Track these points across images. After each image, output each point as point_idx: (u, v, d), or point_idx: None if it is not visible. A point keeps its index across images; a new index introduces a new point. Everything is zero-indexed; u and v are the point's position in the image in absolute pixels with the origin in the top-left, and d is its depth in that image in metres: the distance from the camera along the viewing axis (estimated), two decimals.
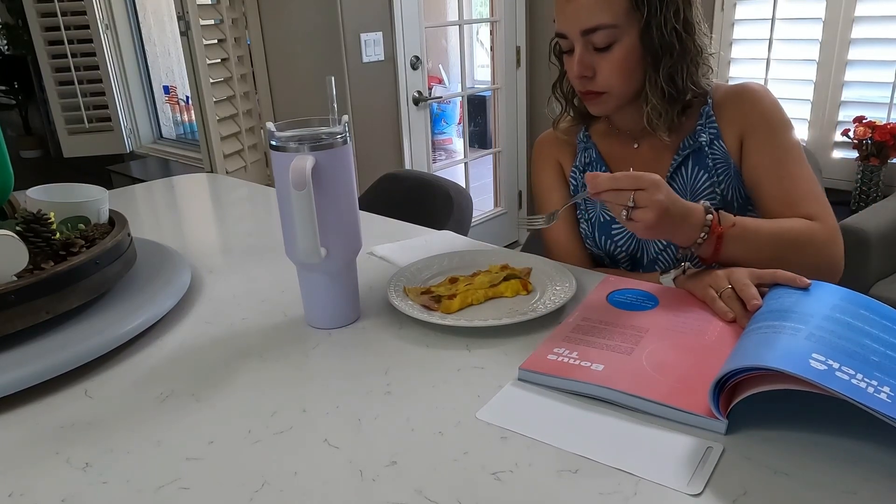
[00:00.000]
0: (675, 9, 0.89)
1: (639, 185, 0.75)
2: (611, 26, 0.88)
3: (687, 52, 0.91)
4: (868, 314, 0.63)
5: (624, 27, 0.89)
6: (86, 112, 3.69)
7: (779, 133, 0.93)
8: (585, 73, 0.92)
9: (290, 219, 0.73)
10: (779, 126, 0.93)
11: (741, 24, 2.55)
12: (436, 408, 0.62)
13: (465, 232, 1.52)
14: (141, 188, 1.64)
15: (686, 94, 0.93)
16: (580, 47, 0.91)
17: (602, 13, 0.88)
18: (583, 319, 0.75)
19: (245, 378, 0.70)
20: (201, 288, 0.93)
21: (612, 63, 0.91)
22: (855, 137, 2.29)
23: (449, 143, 5.43)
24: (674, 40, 0.90)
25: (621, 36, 0.89)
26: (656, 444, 0.55)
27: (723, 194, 0.96)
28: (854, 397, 0.49)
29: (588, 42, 0.91)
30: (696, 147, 0.96)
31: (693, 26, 0.91)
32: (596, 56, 0.92)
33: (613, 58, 0.91)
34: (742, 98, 0.95)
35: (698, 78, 0.94)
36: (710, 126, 0.96)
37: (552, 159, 1.11)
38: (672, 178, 0.98)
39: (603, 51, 0.91)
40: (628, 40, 0.90)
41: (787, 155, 0.92)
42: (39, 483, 0.55)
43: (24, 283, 0.70)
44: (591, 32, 0.89)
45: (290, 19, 2.66)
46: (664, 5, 0.88)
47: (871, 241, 1.95)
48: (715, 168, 0.96)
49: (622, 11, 0.88)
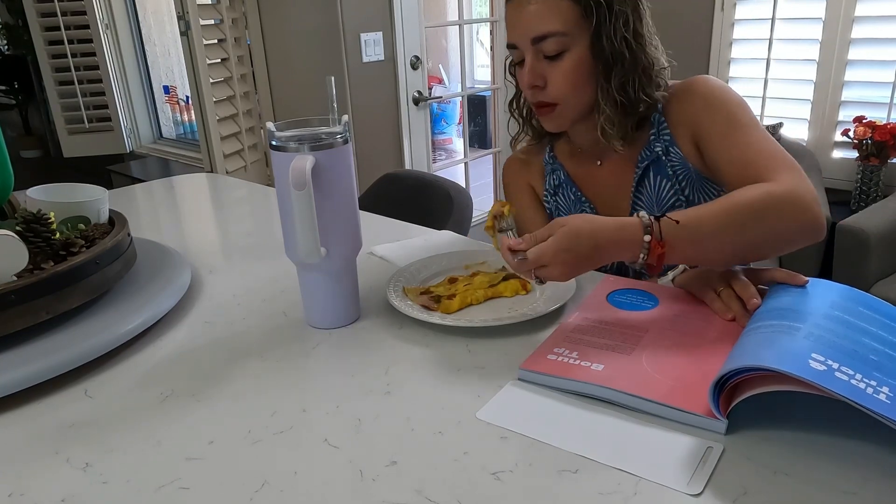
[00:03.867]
0: (624, 19, 0.88)
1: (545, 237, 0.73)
2: (560, 34, 0.88)
3: (638, 63, 0.90)
4: (867, 312, 0.63)
5: (574, 35, 0.88)
6: (86, 112, 3.69)
7: (719, 110, 0.90)
8: (536, 82, 0.91)
9: (290, 219, 0.73)
10: (719, 104, 0.90)
11: (741, 24, 2.55)
12: (436, 408, 0.62)
13: (465, 232, 1.52)
14: (141, 188, 1.64)
15: (639, 105, 0.92)
16: (531, 56, 0.90)
17: (551, 21, 0.87)
18: (583, 319, 0.75)
19: (245, 378, 0.70)
20: (201, 288, 0.93)
21: (562, 72, 0.90)
22: (855, 137, 2.29)
23: (449, 143, 5.43)
24: (624, 50, 0.88)
25: (571, 44, 0.89)
26: (656, 444, 0.55)
27: (689, 199, 0.95)
28: (854, 399, 0.49)
29: (538, 51, 0.90)
30: (654, 157, 0.96)
31: (643, 38, 0.91)
32: (547, 65, 0.90)
33: (564, 66, 0.90)
34: (681, 97, 0.94)
35: (651, 90, 0.92)
36: (663, 134, 0.95)
37: (523, 183, 1.10)
38: (637, 192, 0.98)
39: (554, 59, 0.90)
40: (579, 49, 0.89)
41: (730, 127, 0.88)
42: (39, 483, 0.55)
43: (24, 283, 0.70)
44: (541, 40, 0.89)
45: (290, 19, 2.66)
46: (613, 15, 0.87)
47: (871, 241, 1.95)
48: (675, 175, 0.95)
49: (572, 19, 0.87)
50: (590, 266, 0.74)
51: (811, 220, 0.76)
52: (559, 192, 1.06)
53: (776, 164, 0.82)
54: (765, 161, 0.83)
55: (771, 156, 0.83)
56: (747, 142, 0.86)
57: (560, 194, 1.06)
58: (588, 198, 1.03)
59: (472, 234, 1.29)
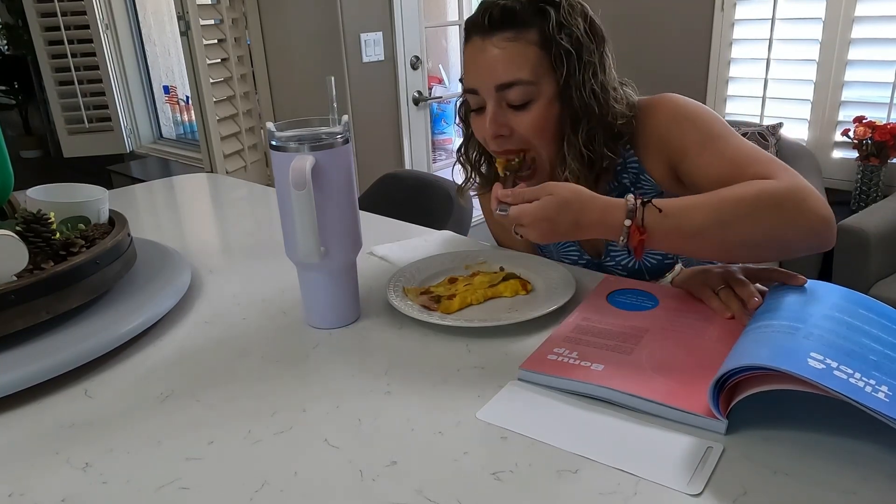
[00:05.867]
0: (592, 70, 0.84)
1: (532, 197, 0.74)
2: (528, 83, 0.83)
3: (604, 117, 0.85)
4: (867, 313, 0.63)
5: (541, 84, 0.84)
6: (86, 112, 3.69)
7: (692, 126, 0.85)
8: (501, 131, 0.86)
9: (290, 219, 0.73)
10: (691, 119, 0.85)
11: (741, 24, 2.55)
12: (436, 408, 0.62)
13: (465, 232, 1.52)
14: (141, 188, 1.65)
15: (604, 160, 0.87)
16: (493, 104, 0.85)
17: (519, 68, 0.82)
18: (583, 319, 0.75)
19: (245, 378, 0.70)
20: (201, 288, 0.93)
21: (530, 121, 0.85)
22: (855, 137, 2.29)
23: (449, 143, 5.42)
24: (592, 102, 0.84)
25: (538, 94, 0.84)
26: (656, 444, 0.55)
27: None
28: (852, 396, 0.49)
29: (502, 98, 0.85)
30: (622, 190, 0.91)
31: (608, 91, 0.86)
32: (511, 114, 0.85)
33: (531, 116, 0.85)
34: (646, 118, 0.89)
35: (615, 146, 0.88)
36: (630, 164, 0.91)
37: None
38: None
39: (519, 109, 0.85)
40: (545, 99, 0.84)
41: (708, 140, 0.83)
42: (39, 483, 0.55)
43: (24, 283, 0.70)
44: (507, 88, 0.83)
45: (290, 19, 2.66)
46: (583, 65, 0.83)
47: (871, 241, 1.95)
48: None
49: (540, 68, 0.83)
50: (567, 238, 0.76)
51: (819, 222, 0.72)
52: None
53: (771, 167, 0.76)
54: (756, 166, 0.77)
55: (758, 160, 0.78)
56: (728, 152, 0.81)
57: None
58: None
59: (472, 234, 1.29)
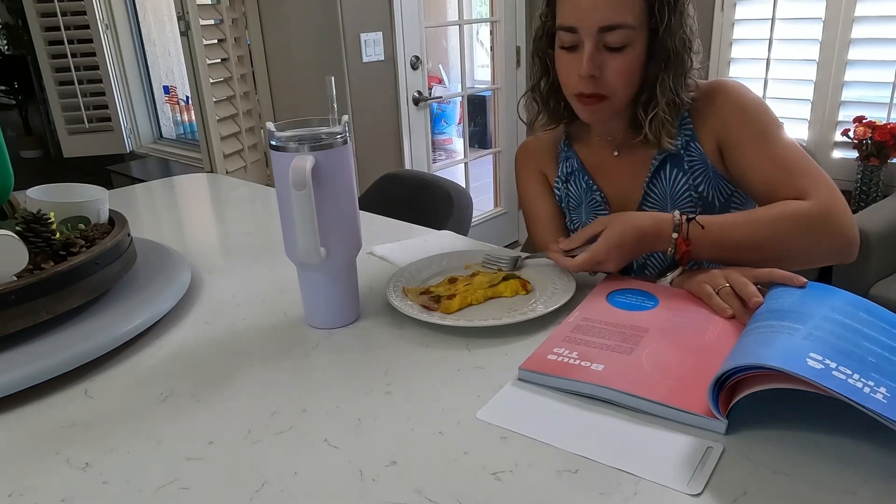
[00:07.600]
0: (684, 18, 0.89)
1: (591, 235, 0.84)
2: (629, 27, 0.86)
3: (687, 64, 0.91)
4: (867, 317, 0.63)
5: (639, 30, 0.87)
6: (86, 112, 3.69)
7: (752, 120, 0.91)
8: (595, 72, 0.88)
9: (290, 219, 0.73)
10: (752, 114, 0.91)
11: (741, 24, 2.55)
12: (436, 408, 0.62)
13: (465, 232, 1.52)
14: (141, 188, 1.65)
15: (685, 105, 0.93)
16: (591, 45, 0.87)
17: (624, 12, 0.86)
18: (583, 319, 0.75)
19: (245, 378, 0.70)
20: (201, 288, 0.93)
21: (622, 65, 0.88)
22: (855, 137, 2.29)
23: (449, 143, 5.43)
24: (682, 50, 0.89)
25: (635, 39, 0.87)
26: (656, 444, 0.55)
27: (702, 194, 0.95)
28: (850, 396, 0.49)
29: (601, 40, 0.87)
30: (673, 151, 0.96)
31: (692, 41, 0.91)
32: (606, 55, 0.88)
33: (625, 60, 0.88)
34: (712, 97, 0.94)
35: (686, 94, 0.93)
36: (685, 129, 0.95)
37: (535, 169, 1.11)
38: (651, 183, 0.98)
39: (615, 51, 0.88)
40: (640, 45, 0.88)
41: (762, 138, 0.89)
42: (39, 483, 0.55)
43: (24, 283, 0.70)
44: (609, 30, 0.86)
45: (290, 19, 2.66)
46: (676, 13, 0.87)
47: (871, 241, 1.95)
48: (692, 170, 0.95)
49: (642, 14, 0.87)
50: (636, 255, 0.86)
51: (845, 244, 0.82)
52: (571, 179, 1.06)
53: (811, 181, 0.84)
54: (798, 178, 0.85)
55: (805, 172, 0.85)
56: (781, 155, 0.88)
57: (572, 182, 1.06)
58: (600, 187, 1.03)
59: (472, 234, 1.29)
